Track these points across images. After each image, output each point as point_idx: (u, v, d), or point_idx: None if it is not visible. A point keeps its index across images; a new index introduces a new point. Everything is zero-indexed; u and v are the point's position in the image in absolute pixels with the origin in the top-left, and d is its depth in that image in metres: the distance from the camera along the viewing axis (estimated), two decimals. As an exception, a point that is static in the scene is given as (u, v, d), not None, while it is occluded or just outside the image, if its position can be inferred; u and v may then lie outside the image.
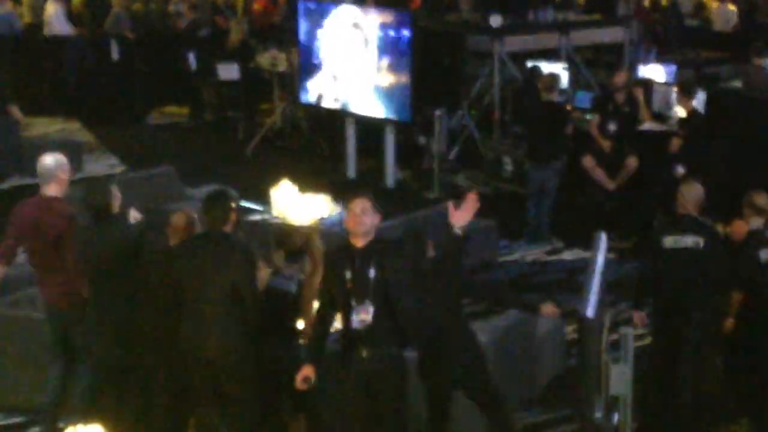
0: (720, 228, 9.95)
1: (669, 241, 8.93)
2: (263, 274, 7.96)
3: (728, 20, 21.17)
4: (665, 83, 14.55)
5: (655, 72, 15.30)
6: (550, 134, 13.02)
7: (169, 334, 7.82)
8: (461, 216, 7.56)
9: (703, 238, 8.84)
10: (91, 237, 8.11)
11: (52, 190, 8.39)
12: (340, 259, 7.37)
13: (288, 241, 8.14)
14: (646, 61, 16.61)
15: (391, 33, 14.42)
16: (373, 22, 14.62)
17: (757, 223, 9.04)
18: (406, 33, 14.27)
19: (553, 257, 12.88)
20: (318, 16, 15.34)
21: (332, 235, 9.21)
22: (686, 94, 12.84)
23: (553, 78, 13.40)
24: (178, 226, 8.11)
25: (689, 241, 8.93)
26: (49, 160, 8.43)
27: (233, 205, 7.90)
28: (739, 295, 8.83)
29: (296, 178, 11.86)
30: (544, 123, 13.05)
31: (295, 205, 11.41)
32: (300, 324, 7.99)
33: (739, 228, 9.22)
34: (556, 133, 13.06)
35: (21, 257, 8.75)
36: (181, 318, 7.74)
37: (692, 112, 12.69)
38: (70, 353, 8.42)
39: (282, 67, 17.33)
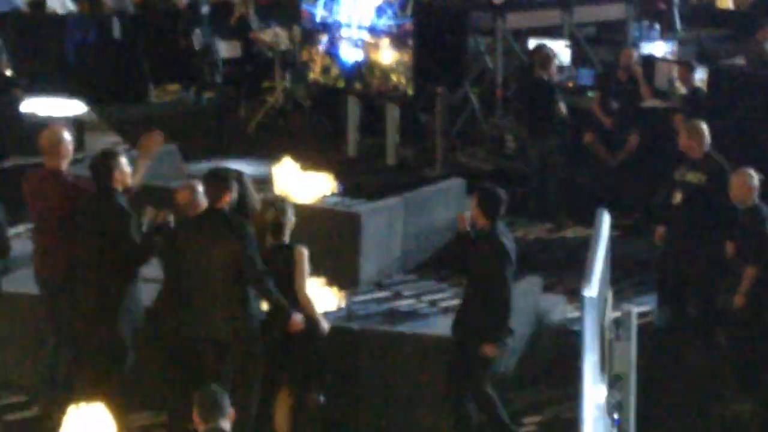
0: None
1: None
2: None
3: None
4: (668, 60, 14.49)
5: (657, 49, 15.24)
6: (539, 111, 12.97)
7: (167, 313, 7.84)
8: None
9: None
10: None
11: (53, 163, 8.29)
12: None
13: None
14: (648, 38, 16.53)
15: (394, 9, 14.37)
16: (375, -1, 14.58)
17: (750, 200, 9.07)
18: (408, 9, 14.23)
19: (556, 235, 12.87)
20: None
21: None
22: (688, 71, 12.81)
23: (547, 55, 13.25)
24: (185, 200, 8.10)
25: None
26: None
27: (231, 183, 7.90)
28: (753, 271, 8.85)
29: (298, 157, 11.83)
30: (531, 100, 13.05)
31: (297, 183, 11.38)
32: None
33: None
34: (542, 111, 12.97)
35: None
36: (178, 296, 7.76)
37: (694, 89, 12.66)
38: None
39: (284, 45, 17.27)
